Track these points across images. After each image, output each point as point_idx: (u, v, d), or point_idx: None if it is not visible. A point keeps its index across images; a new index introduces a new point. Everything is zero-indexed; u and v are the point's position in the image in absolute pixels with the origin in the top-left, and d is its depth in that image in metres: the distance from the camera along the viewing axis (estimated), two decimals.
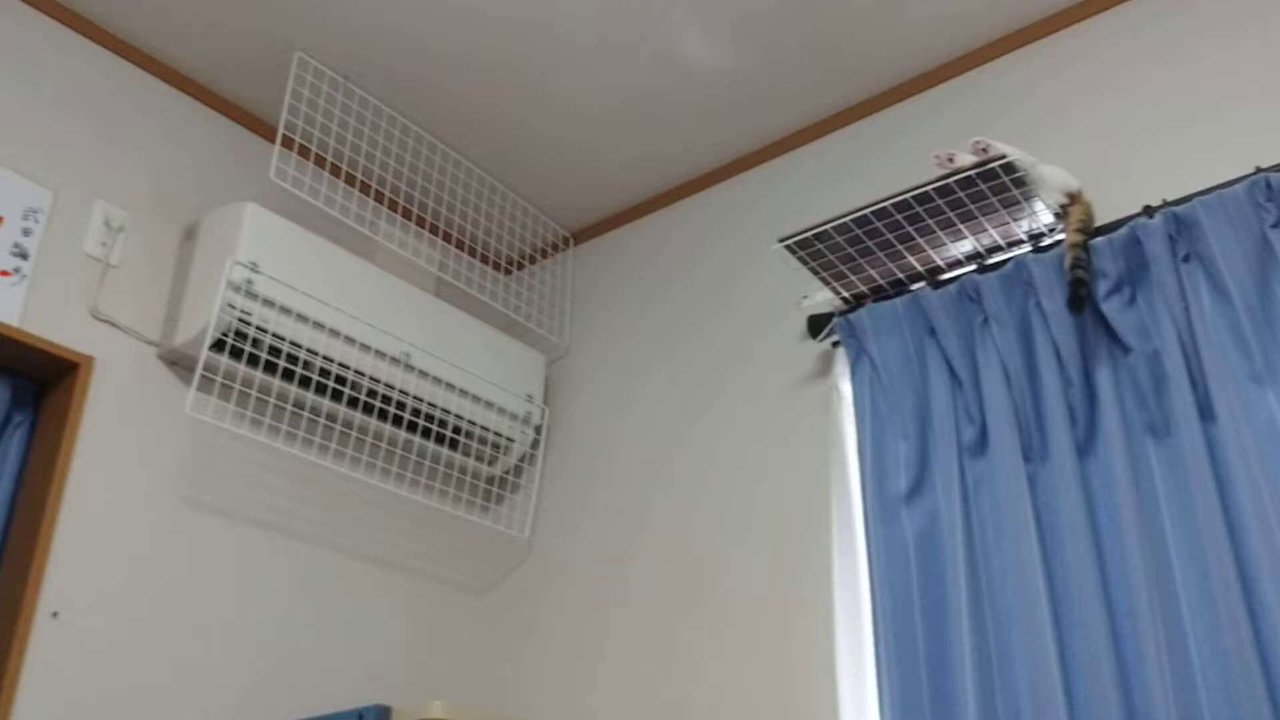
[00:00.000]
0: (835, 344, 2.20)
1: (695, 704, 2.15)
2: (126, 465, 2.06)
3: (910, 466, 1.94)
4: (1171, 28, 2.06)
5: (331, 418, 2.36)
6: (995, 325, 1.89)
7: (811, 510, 2.14)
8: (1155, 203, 1.82)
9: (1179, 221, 1.76)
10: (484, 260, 2.93)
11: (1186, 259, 1.75)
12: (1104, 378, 1.77)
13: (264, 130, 2.50)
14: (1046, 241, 1.94)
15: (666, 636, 2.25)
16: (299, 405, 2.30)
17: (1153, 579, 1.61)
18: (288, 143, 2.48)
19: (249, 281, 2.11)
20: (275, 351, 2.17)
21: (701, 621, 2.21)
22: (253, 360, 2.16)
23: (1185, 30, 2.04)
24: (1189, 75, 2.00)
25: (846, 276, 2.11)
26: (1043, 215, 1.91)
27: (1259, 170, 1.72)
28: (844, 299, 2.15)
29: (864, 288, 2.12)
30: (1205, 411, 1.67)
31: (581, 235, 2.91)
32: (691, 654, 2.20)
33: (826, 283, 2.13)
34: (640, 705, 2.23)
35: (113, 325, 2.11)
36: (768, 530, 2.19)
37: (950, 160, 1.89)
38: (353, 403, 2.33)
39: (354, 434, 2.40)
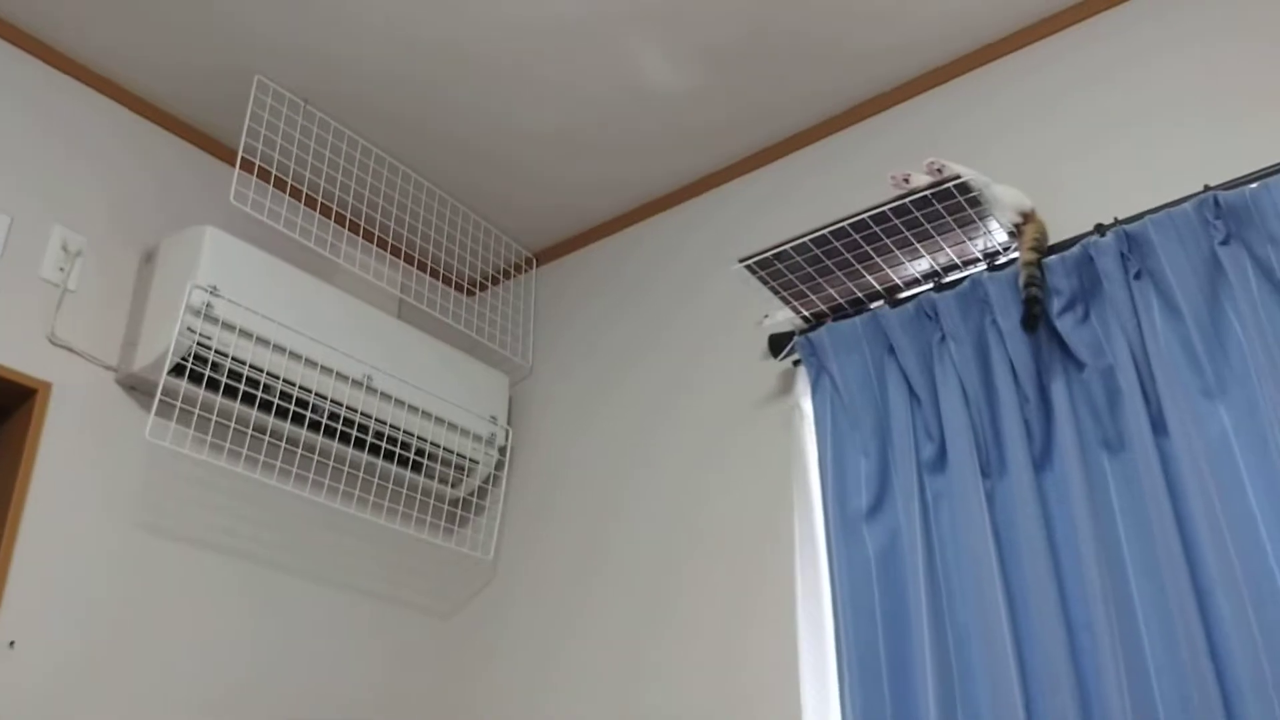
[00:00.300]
0: (796, 362, 2.21)
1: None
2: (85, 491, 2.04)
3: (871, 483, 1.96)
4: (1120, 49, 2.10)
5: (293, 441, 2.35)
6: (952, 343, 1.92)
7: (774, 528, 2.15)
8: (1107, 221, 1.84)
9: (1130, 239, 1.79)
10: (446, 281, 2.93)
11: (1138, 276, 1.78)
12: (1059, 394, 1.79)
13: (224, 153, 2.50)
14: (1001, 260, 1.96)
15: (632, 656, 2.25)
16: (259, 429, 2.29)
17: (1109, 592, 1.63)
18: (247, 166, 2.47)
19: (208, 305, 2.10)
20: (235, 375, 2.16)
21: (667, 640, 2.21)
22: (212, 384, 2.15)
23: (1133, 50, 2.08)
24: (1138, 94, 2.03)
25: (806, 296, 2.12)
26: (997, 234, 1.94)
27: (1208, 188, 1.75)
28: (804, 318, 2.17)
29: (824, 306, 2.14)
30: (1158, 426, 1.70)
31: (544, 256, 2.92)
32: (657, 672, 2.20)
33: (787, 302, 2.15)
34: None
35: (70, 351, 2.10)
36: (731, 549, 2.20)
37: (906, 181, 1.92)
38: (314, 426, 2.32)
39: (315, 457, 2.39)
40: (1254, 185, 1.70)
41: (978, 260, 2.00)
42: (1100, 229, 1.83)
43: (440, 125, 2.50)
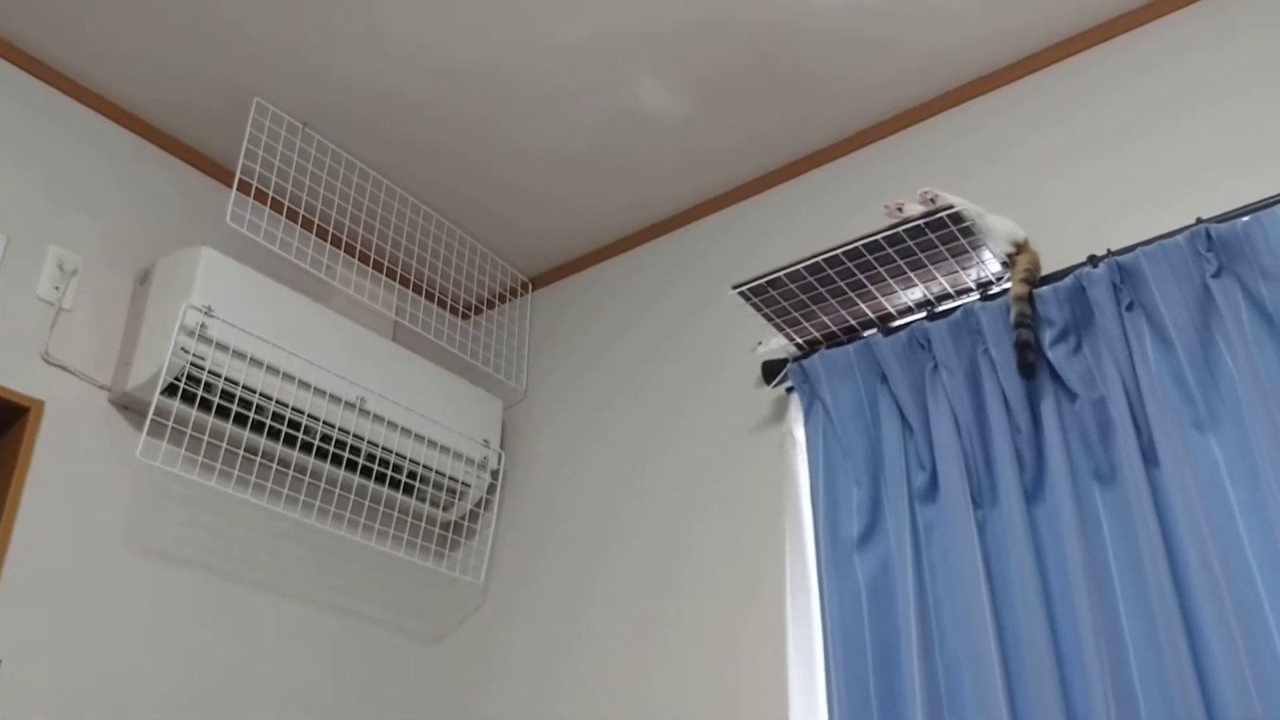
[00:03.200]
0: (789, 389, 2.22)
1: None
2: (76, 510, 2.04)
3: (863, 512, 1.96)
4: (1111, 81, 2.11)
5: (285, 463, 2.35)
6: (945, 372, 1.92)
7: (766, 555, 2.15)
8: (1100, 252, 1.85)
9: (1122, 271, 1.79)
10: (442, 305, 2.93)
11: (1130, 307, 1.78)
12: (1051, 424, 1.79)
13: (221, 175, 2.50)
14: (994, 290, 1.97)
15: (622, 682, 2.24)
16: (251, 450, 2.29)
17: (1099, 623, 1.63)
18: (244, 187, 2.48)
19: (203, 326, 2.10)
20: (228, 396, 2.16)
21: (657, 666, 2.21)
22: (205, 405, 2.15)
23: (1127, 82, 2.09)
24: (1132, 126, 2.05)
25: (800, 323, 2.13)
26: (990, 264, 1.95)
27: (1200, 221, 1.76)
28: (798, 345, 2.17)
29: (817, 334, 2.14)
30: (1149, 457, 1.70)
31: (539, 280, 2.93)
32: (647, 699, 2.19)
33: (780, 329, 2.15)
34: None
35: (64, 369, 2.10)
36: (723, 575, 2.20)
37: (900, 210, 1.92)
38: (306, 448, 2.32)
39: (307, 479, 2.39)
40: (1245, 219, 1.71)
41: (971, 290, 2.00)
42: (1093, 260, 1.83)
43: (438, 149, 2.51)
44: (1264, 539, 1.57)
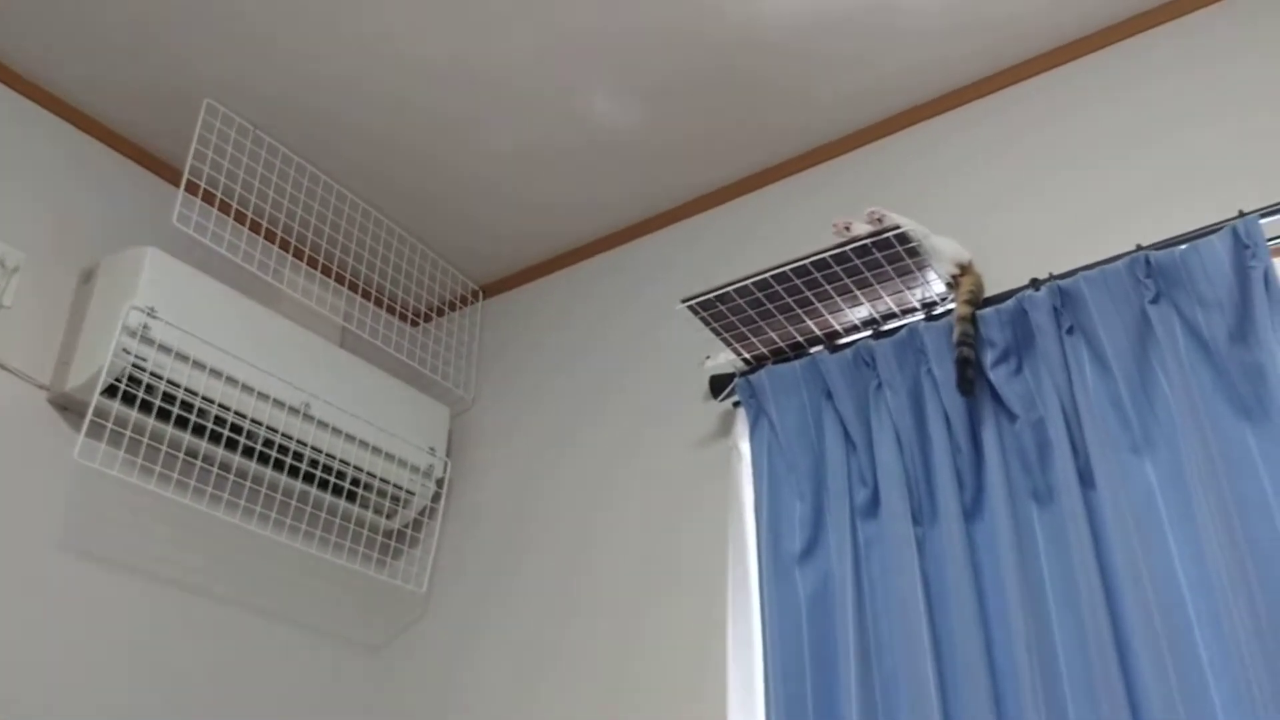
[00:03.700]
0: (736, 404, 2.23)
1: None
2: (10, 511, 2.00)
3: (805, 527, 1.97)
4: (1058, 108, 2.15)
5: (226, 467, 2.32)
6: (888, 390, 1.94)
7: (711, 569, 2.15)
8: (1042, 276, 1.88)
9: (1063, 295, 1.82)
10: (391, 311, 2.92)
11: (1070, 331, 1.81)
12: (991, 444, 1.81)
13: (170, 175, 2.48)
14: (939, 310, 1.99)
15: (562, 693, 2.24)
16: (193, 454, 2.26)
17: (1033, 643, 1.65)
18: (192, 188, 2.45)
19: (146, 327, 2.08)
20: (170, 399, 2.14)
21: (597, 678, 2.20)
22: (146, 407, 2.12)
23: (1072, 109, 2.13)
24: (1077, 153, 2.09)
25: (748, 338, 2.14)
26: (935, 285, 1.97)
27: (1140, 248, 1.79)
28: (745, 360, 2.19)
29: (764, 349, 2.16)
30: (1086, 479, 1.72)
31: (491, 289, 2.92)
32: (587, 711, 2.18)
33: (728, 344, 2.16)
34: None
35: (2, 368, 2.06)
36: (667, 588, 2.20)
37: (848, 229, 1.94)
38: (249, 453, 2.30)
39: (248, 484, 2.36)
40: (1184, 247, 1.74)
41: (916, 309, 2.03)
42: (1035, 283, 1.86)
43: (391, 155, 2.50)
44: (1194, 562, 1.59)
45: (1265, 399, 1.61)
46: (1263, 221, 1.71)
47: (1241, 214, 1.72)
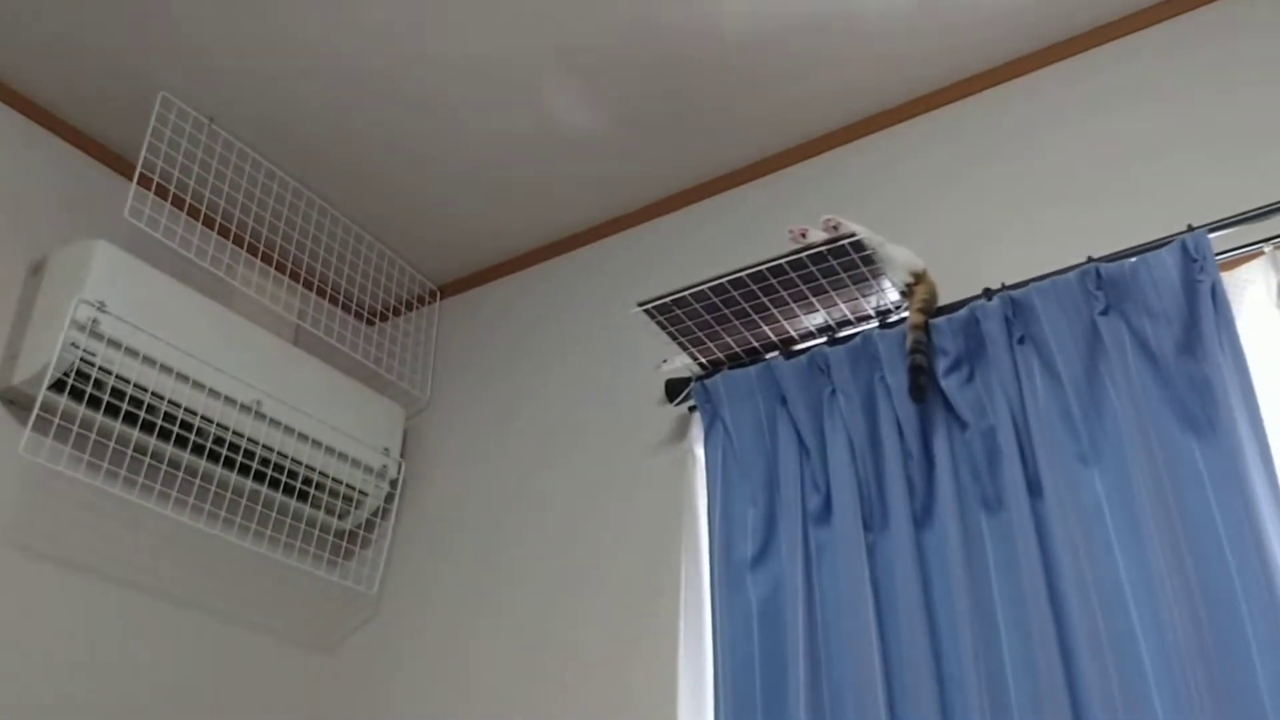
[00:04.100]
0: (692, 408, 2.23)
1: None
2: None
3: (757, 532, 1.97)
4: (1013, 122, 2.18)
5: (175, 465, 2.30)
6: (842, 397, 1.95)
7: (663, 573, 2.15)
8: (995, 285, 1.90)
9: (1015, 305, 1.84)
10: (346, 310, 2.90)
11: (1021, 341, 1.82)
12: (941, 452, 1.82)
13: (123, 168, 2.45)
14: (893, 318, 2.01)
15: (514, 696, 2.23)
16: (141, 450, 2.23)
17: (980, 651, 1.66)
18: (145, 182, 2.42)
19: (95, 321, 2.05)
20: (119, 394, 2.11)
21: (550, 682, 2.20)
22: (94, 402, 2.09)
23: (1025, 124, 2.16)
24: (1030, 165, 2.11)
25: (704, 343, 2.14)
26: (890, 293, 1.98)
27: (1091, 260, 1.81)
28: (701, 365, 2.19)
29: (720, 354, 2.16)
30: (1034, 488, 1.73)
31: (448, 289, 2.91)
32: (539, 714, 2.18)
33: (684, 348, 2.17)
34: None
35: None
36: (620, 593, 2.20)
37: (804, 236, 1.95)
38: (199, 450, 2.27)
39: (198, 481, 2.33)
40: (1134, 259, 1.76)
41: (870, 317, 2.04)
42: (988, 293, 1.88)
43: (349, 153, 2.48)
44: (1140, 571, 1.61)
45: (1211, 412, 1.63)
46: (1211, 236, 1.73)
47: (1191, 228, 1.74)
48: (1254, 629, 1.48)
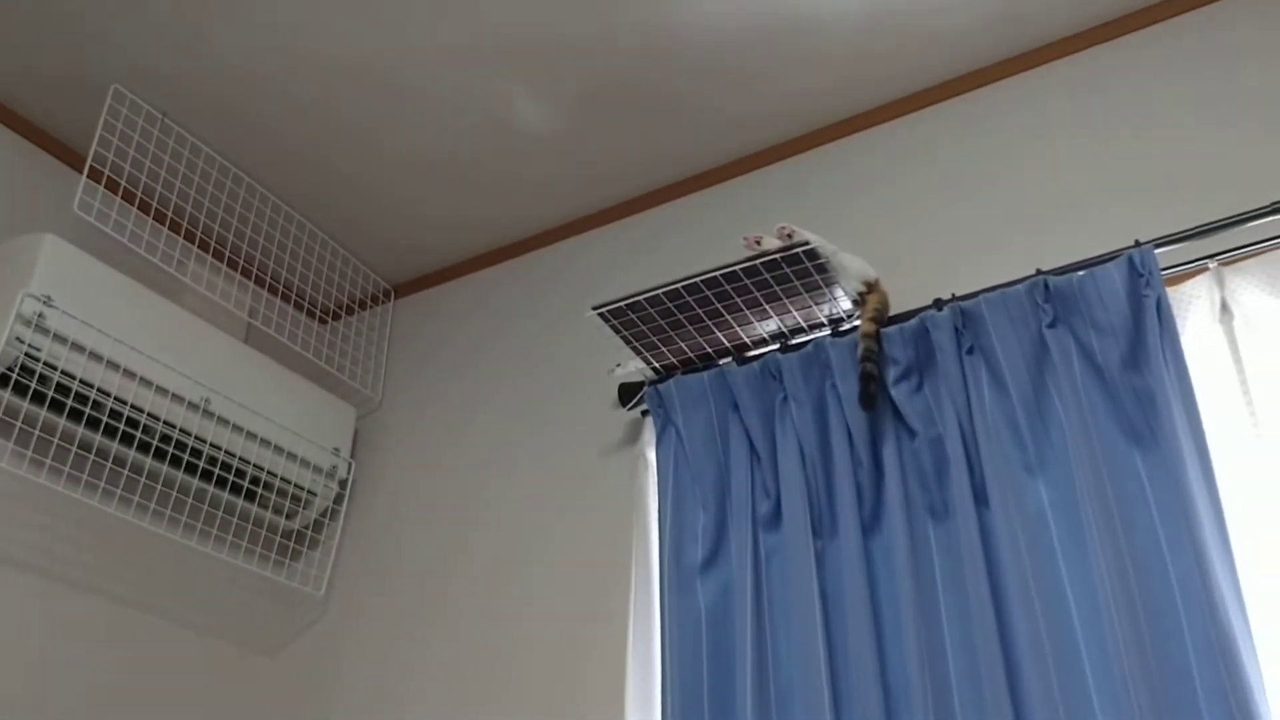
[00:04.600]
0: (644, 413, 2.23)
1: None
2: None
3: (707, 537, 1.98)
4: (967, 134, 2.20)
5: (121, 462, 2.26)
6: (794, 404, 1.96)
7: (613, 578, 2.15)
8: (945, 296, 1.91)
9: (965, 315, 1.86)
10: (299, 308, 2.87)
11: (970, 351, 1.84)
12: (890, 460, 1.84)
13: (74, 160, 2.41)
14: (845, 326, 2.02)
15: (462, 699, 2.22)
16: (86, 447, 2.20)
17: (926, 659, 1.67)
18: (96, 175, 2.39)
19: (41, 315, 2.02)
20: (64, 390, 2.08)
21: (499, 686, 2.19)
22: (39, 398, 2.06)
23: (978, 136, 2.18)
24: (983, 178, 2.13)
25: (658, 347, 2.15)
26: (842, 301, 2.00)
27: (1039, 272, 1.83)
28: (654, 369, 2.19)
29: (674, 359, 2.17)
30: (980, 497, 1.75)
31: (403, 289, 2.89)
32: (487, 718, 2.17)
33: (638, 352, 2.17)
34: None
35: None
36: (570, 596, 2.19)
37: (758, 243, 1.96)
38: (145, 448, 2.24)
39: (143, 479, 2.30)
40: (1081, 273, 1.78)
41: (823, 325, 2.05)
42: (938, 303, 1.89)
43: (305, 149, 2.46)
44: (1082, 581, 1.63)
45: (1154, 424, 1.66)
46: (1157, 252, 1.77)
47: (1137, 244, 1.77)
48: (1192, 638, 1.51)
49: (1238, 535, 1.61)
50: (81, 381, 2.09)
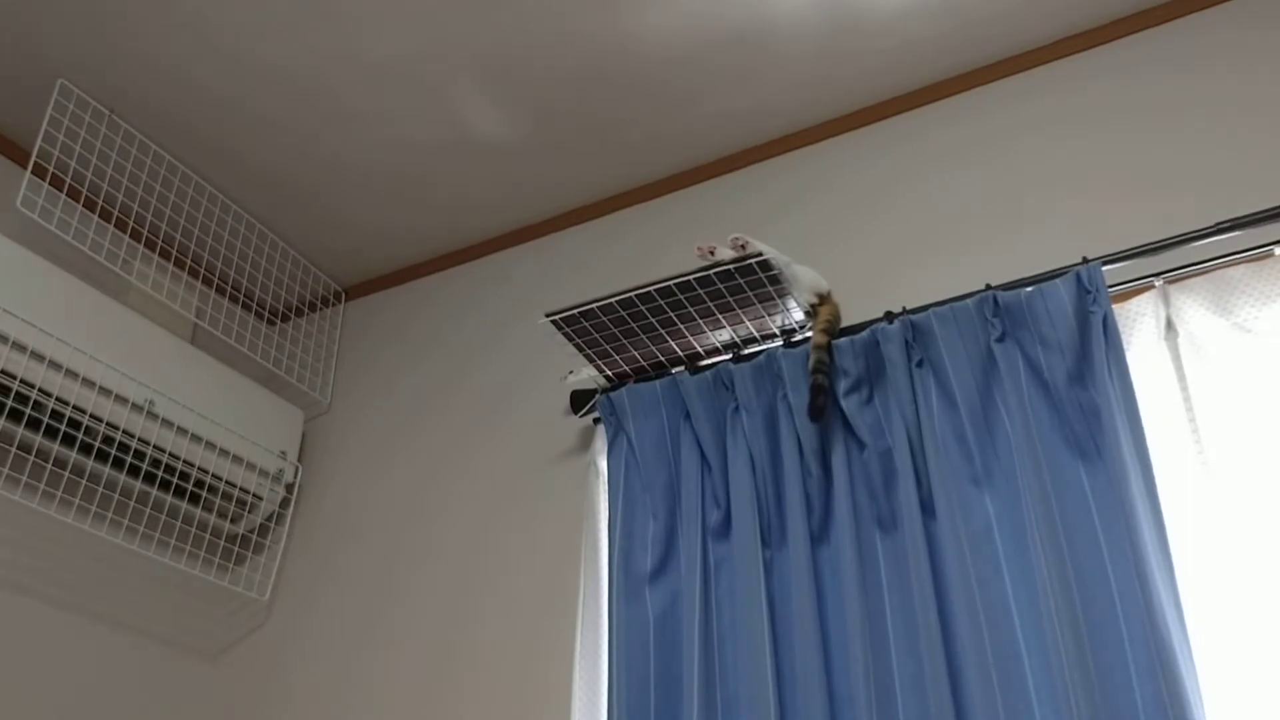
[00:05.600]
0: (596, 420, 2.23)
1: None
2: None
3: (657, 545, 1.98)
4: (920, 150, 2.22)
5: (61, 463, 2.22)
6: (745, 414, 1.96)
7: (561, 584, 2.15)
8: (896, 309, 1.93)
9: (915, 328, 1.87)
10: (246, 309, 2.84)
11: (920, 364, 1.86)
12: (839, 471, 1.85)
13: (17, 156, 2.37)
14: (797, 338, 2.03)
15: (408, 707, 2.20)
16: (25, 449, 2.16)
17: (870, 666, 1.68)
18: (40, 171, 2.34)
19: None
20: (4, 390, 2.04)
21: (445, 693, 2.17)
22: None
23: (931, 153, 2.20)
24: (933, 194, 2.15)
25: (610, 355, 2.15)
26: (794, 312, 2.01)
27: (989, 287, 1.85)
28: (607, 377, 2.19)
29: (626, 367, 2.17)
30: (928, 509, 1.77)
31: (353, 291, 2.87)
32: None
33: (591, 360, 2.17)
34: None
35: None
36: (518, 604, 2.18)
37: (712, 253, 1.97)
38: (86, 449, 2.20)
39: (84, 482, 2.26)
40: (1030, 289, 1.81)
41: (775, 336, 2.06)
42: (889, 316, 1.91)
43: (256, 150, 2.43)
44: (1027, 593, 1.65)
45: (1099, 439, 1.68)
46: (1105, 269, 1.79)
47: (1085, 260, 1.80)
48: (1133, 651, 1.53)
49: (1179, 549, 1.64)
50: (22, 382, 2.05)
